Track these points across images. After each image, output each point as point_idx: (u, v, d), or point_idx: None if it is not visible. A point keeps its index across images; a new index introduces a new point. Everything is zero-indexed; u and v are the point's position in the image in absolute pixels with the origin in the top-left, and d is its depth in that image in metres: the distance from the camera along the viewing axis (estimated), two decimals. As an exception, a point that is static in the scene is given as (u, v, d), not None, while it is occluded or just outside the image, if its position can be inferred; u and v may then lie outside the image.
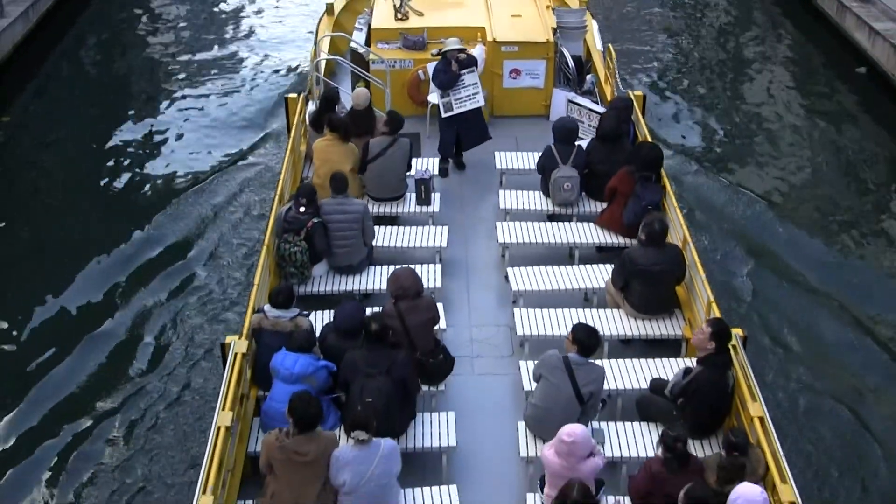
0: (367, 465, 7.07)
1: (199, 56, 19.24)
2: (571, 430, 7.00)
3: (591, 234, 10.57)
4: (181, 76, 18.35)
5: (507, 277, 10.09)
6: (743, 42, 19.88)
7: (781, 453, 7.22)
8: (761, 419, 7.49)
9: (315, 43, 13.89)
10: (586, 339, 7.80)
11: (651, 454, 7.62)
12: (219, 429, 7.31)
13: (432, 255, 10.36)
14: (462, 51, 12.05)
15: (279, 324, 8.26)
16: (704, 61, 19.13)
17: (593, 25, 14.82)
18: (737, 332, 8.33)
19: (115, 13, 21.37)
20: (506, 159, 11.92)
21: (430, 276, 9.84)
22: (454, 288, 10.22)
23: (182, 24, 21.03)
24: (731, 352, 8.03)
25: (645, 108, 12.84)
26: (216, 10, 22.05)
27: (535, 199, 11.18)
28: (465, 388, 8.88)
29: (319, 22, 15.00)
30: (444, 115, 12.10)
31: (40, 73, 18.10)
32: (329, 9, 15.07)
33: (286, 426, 7.13)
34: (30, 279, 12.37)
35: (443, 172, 12.22)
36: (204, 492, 6.84)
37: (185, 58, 19.18)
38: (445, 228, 10.67)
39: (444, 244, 10.43)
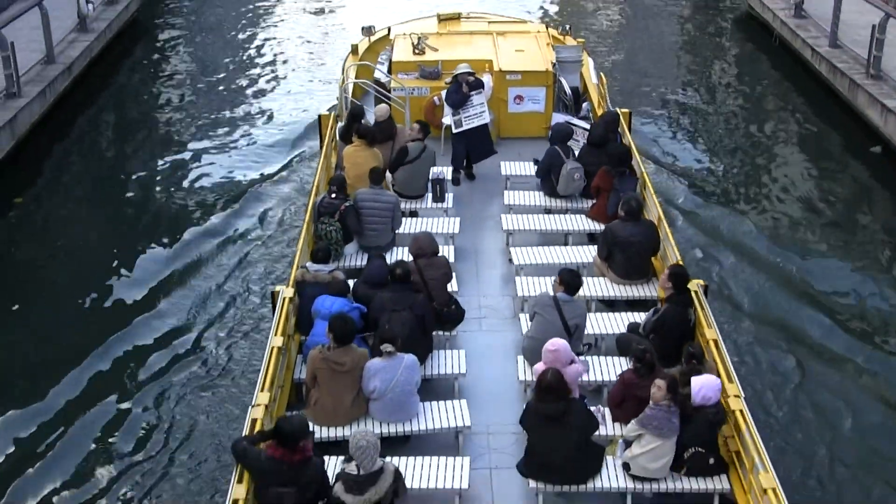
0: (392, 373, 8.75)
1: (220, 115, 19.75)
2: (554, 341, 8.70)
3: (582, 224, 12.34)
4: (201, 144, 18.50)
5: (510, 259, 11.83)
6: (755, 120, 19.68)
7: (732, 367, 8.88)
8: (715, 341, 9.16)
9: (343, 71, 15.87)
10: (571, 280, 9.53)
11: (628, 379, 9.27)
12: (272, 349, 9.02)
13: (446, 240, 12.09)
14: (471, 74, 14.00)
15: (319, 276, 10.00)
16: (714, 139, 18.78)
17: (589, 62, 16.74)
18: (698, 282, 10.05)
19: (132, 89, 21.49)
20: (511, 167, 13.76)
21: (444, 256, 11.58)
22: (465, 268, 11.94)
23: (202, 93, 21.17)
24: (693, 295, 9.74)
25: (631, 123, 14.70)
26: (241, 58, 23.39)
27: (535, 198, 13.00)
28: (473, 340, 10.57)
29: (346, 59, 16.98)
30: (454, 130, 14.00)
31: (56, 154, 17.85)
32: (354, 48, 17.07)
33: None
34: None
35: (455, 181, 14.04)
36: (258, 401, 8.49)
37: (206, 122, 19.51)
38: (458, 219, 12.46)
39: (457, 230, 12.21)
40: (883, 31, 17.71)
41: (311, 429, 7.86)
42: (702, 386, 8.22)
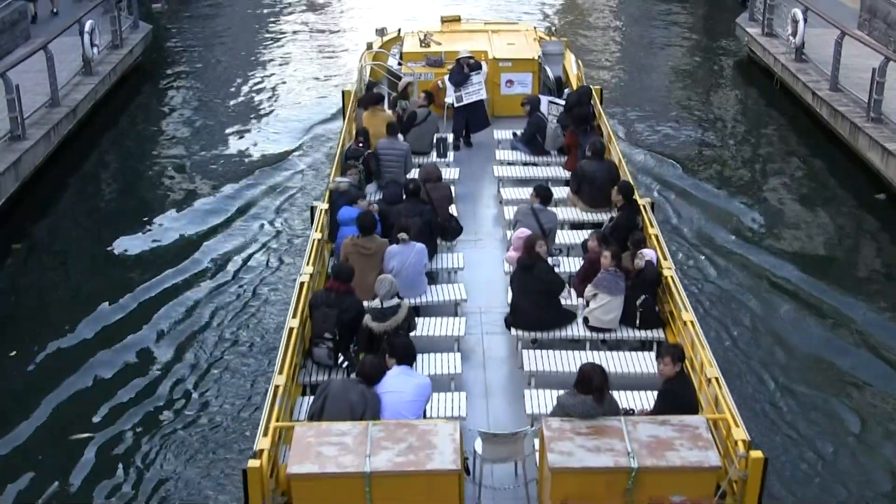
0: (406, 256, 11.39)
1: (226, 158, 19.94)
2: (522, 230, 11.36)
3: (559, 173, 15.04)
4: (206, 187, 18.52)
5: (501, 201, 14.49)
6: (755, 163, 19.60)
7: (666, 249, 11.53)
8: (656, 236, 11.81)
9: (361, 60, 18.72)
10: (544, 193, 12.26)
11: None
12: (313, 241, 11.68)
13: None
14: (471, 58, 16.79)
15: (341, 186, 12.71)
16: (712, 182, 18.57)
17: (570, 57, 19.55)
18: (646, 200, 12.74)
19: (136, 132, 21.69)
20: (502, 135, 16.50)
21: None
22: (463, 209, 14.53)
23: (206, 136, 21.27)
24: (641, 207, 12.43)
25: (602, 98, 17.47)
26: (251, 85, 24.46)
27: (521, 156, 15.73)
28: (469, 250, 13.14)
29: (362, 55, 19.80)
30: (455, 105, 16.75)
31: (58, 199, 17.91)
32: (369, 46, 19.89)
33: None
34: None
35: (456, 147, 16.74)
36: (303, 272, 11.08)
37: (212, 165, 19.59)
38: (458, 169, 15.17)
39: (457, 178, 14.90)
40: (883, 75, 17.70)
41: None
42: (643, 254, 10.88)
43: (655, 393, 9.30)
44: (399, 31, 20.21)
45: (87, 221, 17.39)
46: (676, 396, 8.91)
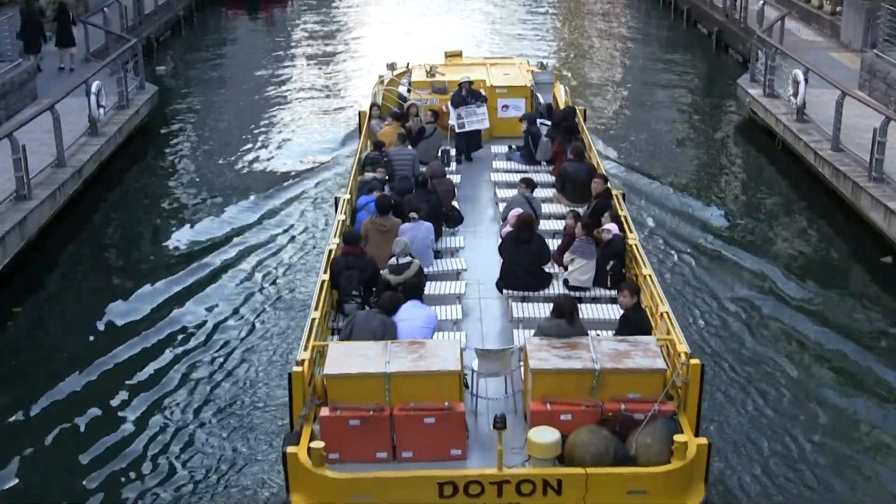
0: (416, 232, 13.64)
1: (232, 218, 19.86)
2: (516, 210, 13.65)
3: (548, 178, 17.37)
4: (211, 248, 18.37)
5: (497, 201, 16.78)
6: (759, 223, 19.54)
7: (633, 224, 13.81)
8: (625, 217, 14.08)
9: (374, 89, 21.20)
10: (529, 181, 14.63)
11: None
12: (338, 222, 13.98)
13: (451, 188, 17.12)
14: (470, 82, 19.24)
15: (366, 177, 15.05)
16: (715, 243, 18.47)
17: (560, 86, 22.00)
18: (619, 191, 15.08)
19: (141, 191, 21.75)
20: (498, 148, 18.91)
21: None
22: (463, 208, 16.83)
23: (211, 195, 21.33)
24: (615, 197, 14.75)
25: (586, 118, 19.86)
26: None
27: (515, 165, 18.11)
28: (468, 236, 15.38)
29: (374, 85, 22.24)
30: (458, 130, 19.15)
31: (61, 260, 17.93)
32: (380, 78, 22.36)
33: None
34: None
35: (458, 162, 19.11)
36: (331, 244, 13.35)
37: (217, 226, 19.51)
38: (459, 176, 17.51)
39: (458, 182, 17.22)
40: (884, 135, 18.01)
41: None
42: (608, 228, 13.15)
43: (620, 328, 11.55)
44: (408, 64, 22.70)
45: (90, 280, 17.21)
46: (634, 323, 11.13)
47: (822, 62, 24.78)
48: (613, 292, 13.04)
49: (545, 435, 9.80)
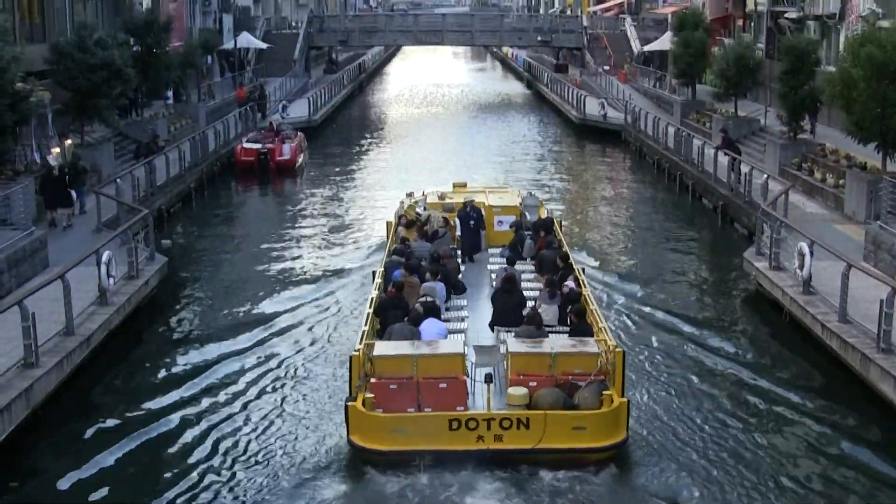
0: (433, 286, 19.08)
1: (243, 387, 19.14)
2: (502, 273, 19.20)
3: (531, 266, 22.93)
4: (221, 420, 17.69)
5: (491, 285, 22.26)
6: (767, 398, 18.86)
7: (584, 277, 19.35)
8: (582, 280, 19.58)
9: (397, 210, 27.13)
10: (511, 257, 20.22)
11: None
12: (380, 272, 19.48)
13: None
14: (472, 202, 25.12)
15: (394, 259, 20.66)
16: (719, 416, 17.83)
17: (545, 209, 27.85)
18: (580, 266, 20.72)
19: (149, 360, 20.98)
20: (493, 250, 24.59)
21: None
22: (466, 284, 22.28)
23: (219, 362, 20.50)
24: (576, 271, 20.34)
25: (561, 226, 25.60)
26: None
27: (506, 261, 23.68)
28: (468, 296, 20.81)
29: (396, 210, 28.05)
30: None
31: (64, 430, 17.49)
32: (401, 203, 28.24)
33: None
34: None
35: (462, 262, 24.70)
36: (375, 289, 18.81)
37: (227, 395, 18.80)
38: (463, 266, 23.10)
39: (463, 270, 22.76)
40: (891, 306, 17.96)
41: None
42: (567, 285, 18.69)
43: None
44: (423, 192, 28.66)
45: (92, 452, 16.61)
46: (581, 331, 16.56)
47: (826, 234, 25.15)
48: (567, 327, 18.32)
49: (519, 390, 15.11)
